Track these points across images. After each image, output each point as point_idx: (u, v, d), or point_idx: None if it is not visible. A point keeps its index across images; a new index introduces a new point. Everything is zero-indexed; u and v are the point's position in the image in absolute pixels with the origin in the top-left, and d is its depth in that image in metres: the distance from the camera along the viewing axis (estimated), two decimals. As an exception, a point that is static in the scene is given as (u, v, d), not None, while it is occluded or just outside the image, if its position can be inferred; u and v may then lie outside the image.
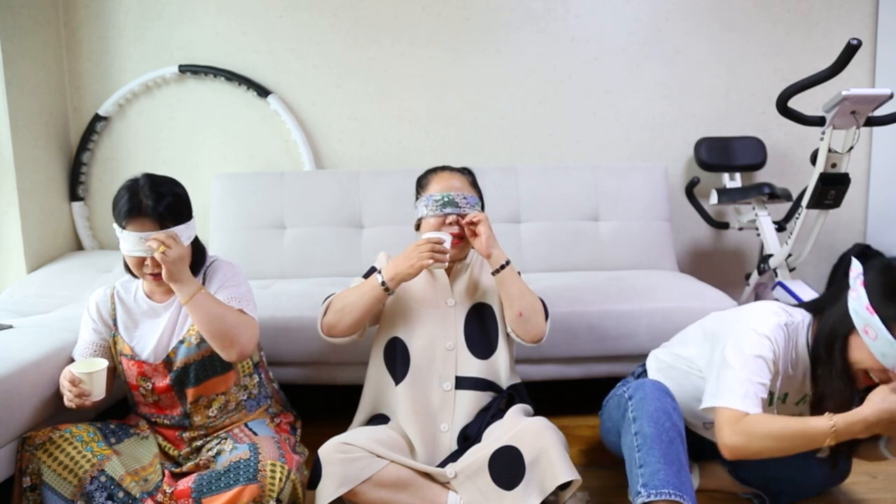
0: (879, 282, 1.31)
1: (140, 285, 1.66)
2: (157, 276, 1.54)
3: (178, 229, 1.53)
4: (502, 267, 1.69)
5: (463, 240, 1.73)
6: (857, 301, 1.32)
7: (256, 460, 1.42)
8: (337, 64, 2.97)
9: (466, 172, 1.84)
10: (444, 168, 1.83)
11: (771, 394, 1.46)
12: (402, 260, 1.65)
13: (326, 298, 1.75)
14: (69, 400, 1.46)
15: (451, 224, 1.72)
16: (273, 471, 1.41)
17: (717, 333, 1.53)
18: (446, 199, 1.72)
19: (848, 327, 1.35)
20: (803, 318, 1.48)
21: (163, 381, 1.59)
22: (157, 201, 1.51)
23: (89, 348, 1.62)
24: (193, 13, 2.93)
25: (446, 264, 1.64)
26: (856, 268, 1.36)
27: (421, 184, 1.82)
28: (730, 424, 1.35)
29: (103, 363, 1.48)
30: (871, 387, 1.35)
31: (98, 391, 1.47)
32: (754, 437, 1.32)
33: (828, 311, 1.43)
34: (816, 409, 1.43)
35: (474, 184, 1.83)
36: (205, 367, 1.59)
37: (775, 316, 1.44)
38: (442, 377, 1.68)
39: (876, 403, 1.26)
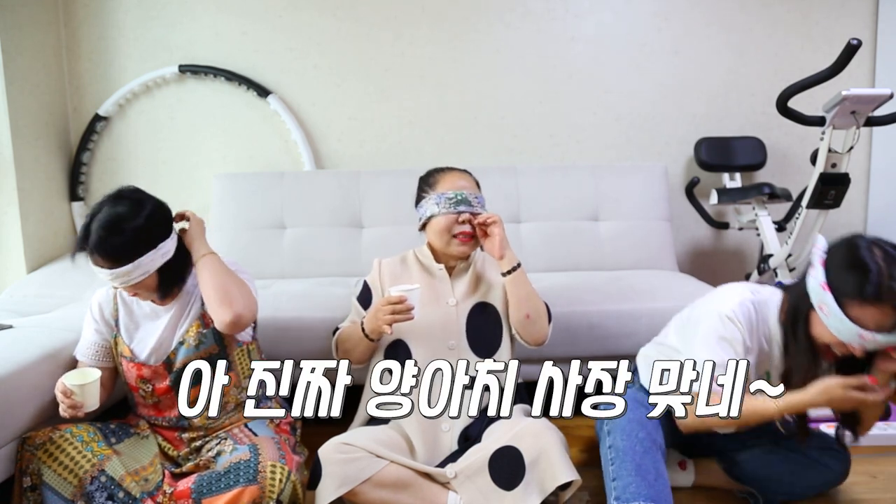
0: (835, 260, 1.36)
1: None
2: (136, 294, 1.56)
3: (143, 260, 1.47)
4: (514, 269, 1.69)
5: (473, 239, 1.73)
6: (815, 279, 1.38)
7: (256, 461, 1.42)
8: (337, 64, 2.97)
9: (469, 174, 1.84)
10: (450, 168, 1.83)
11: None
12: (371, 317, 1.65)
13: (335, 332, 1.81)
14: (63, 410, 1.44)
15: (463, 222, 1.71)
16: (273, 472, 1.41)
17: (691, 319, 1.58)
18: (460, 198, 1.71)
19: (808, 304, 1.40)
20: (772, 294, 1.53)
21: (163, 383, 1.59)
22: (102, 245, 1.44)
23: (91, 349, 1.62)
24: (193, 13, 2.93)
25: (414, 318, 1.59)
26: (820, 244, 1.41)
27: (428, 182, 1.80)
28: (688, 408, 1.45)
29: (95, 374, 1.45)
30: (842, 360, 1.42)
31: (91, 402, 1.44)
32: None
33: (793, 287, 1.48)
34: (785, 382, 1.47)
35: (478, 185, 1.83)
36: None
37: (739, 295, 1.49)
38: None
39: (818, 390, 1.35)
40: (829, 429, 1.96)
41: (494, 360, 1.72)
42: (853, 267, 1.32)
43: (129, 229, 1.46)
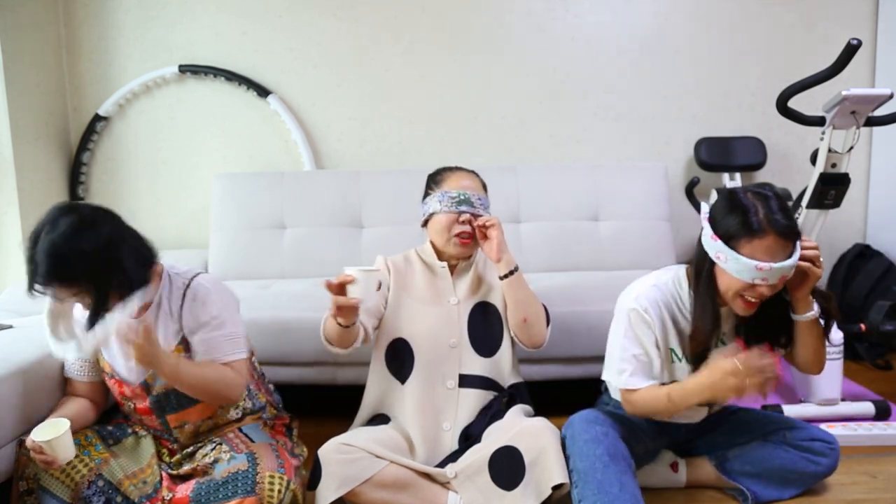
0: (717, 211, 1.47)
1: None
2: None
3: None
4: (511, 273, 1.69)
5: (472, 240, 1.73)
6: (706, 235, 1.48)
7: (255, 472, 1.39)
8: (337, 64, 2.97)
9: (477, 175, 1.83)
10: (458, 168, 1.83)
11: (671, 350, 1.56)
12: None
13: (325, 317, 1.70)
14: (38, 464, 1.35)
15: (463, 223, 1.71)
16: (272, 483, 1.38)
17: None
18: (462, 197, 1.71)
19: (708, 261, 1.48)
20: (676, 271, 1.61)
21: (143, 404, 1.55)
22: (54, 277, 1.36)
23: (76, 364, 1.58)
24: (193, 13, 2.93)
25: (357, 303, 1.45)
26: (704, 208, 1.52)
27: (435, 180, 1.80)
28: (621, 398, 1.59)
29: (64, 426, 1.34)
30: (769, 314, 1.50)
31: (63, 455, 1.33)
32: (638, 407, 1.55)
33: (693, 255, 1.55)
34: (690, 340, 1.56)
35: (485, 187, 1.83)
36: (186, 394, 1.50)
37: (639, 287, 1.59)
38: (445, 375, 1.68)
39: (706, 373, 1.41)
40: (829, 428, 1.97)
41: (495, 360, 1.72)
42: (732, 212, 1.43)
43: (80, 249, 1.35)
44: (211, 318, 1.50)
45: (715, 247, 1.44)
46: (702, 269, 1.50)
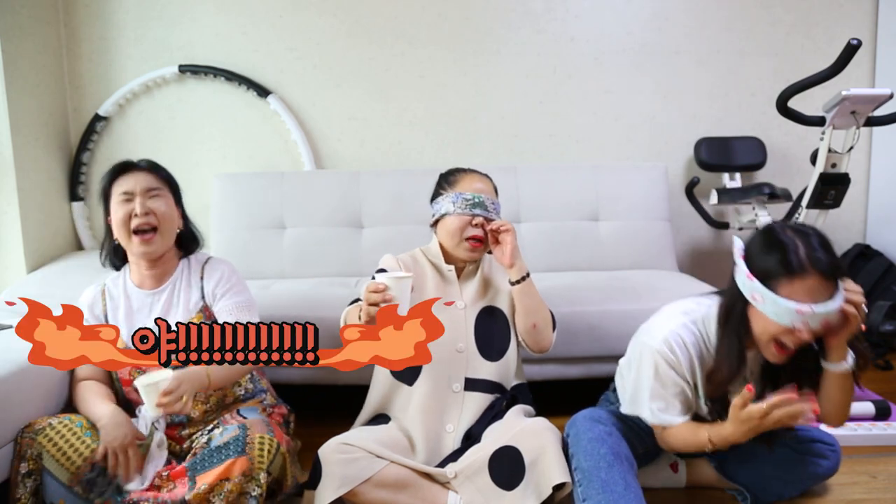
0: (754, 248, 1.39)
1: (128, 276, 1.67)
2: (144, 234, 1.59)
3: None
4: (523, 279, 1.69)
5: (482, 244, 1.72)
6: (741, 273, 1.39)
7: (245, 435, 1.43)
8: (337, 64, 2.97)
9: (490, 179, 1.82)
10: (472, 170, 1.82)
11: (696, 386, 1.51)
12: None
13: (351, 303, 1.72)
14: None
15: (476, 226, 1.70)
16: (262, 444, 1.42)
17: (633, 354, 1.59)
18: (477, 200, 1.71)
19: (742, 301, 1.40)
20: (709, 307, 1.52)
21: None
22: (150, 163, 1.70)
23: None
24: (193, 13, 2.93)
25: (384, 300, 1.43)
26: (737, 244, 1.44)
27: (448, 180, 1.79)
28: (655, 434, 1.57)
29: (166, 373, 1.42)
30: (796, 359, 1.42)
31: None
32: (671, 445, 1.54)
33: (727, 290, 1.48)
34: (708, 380, 1.49)
35: (496, 191, 1.82)
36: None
37: (667, 324, 1.51)
38: (451, 378, 1.67)
39: (734, 422, 1.36)
40: (829, 428, 1.96)
41: (501, 364, 1.72)
42: (770, 249, 1.35)
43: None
44: (230, 286, 1.68)
45: (751, 287, 1.36)
46: (733, 309, 1.43)
